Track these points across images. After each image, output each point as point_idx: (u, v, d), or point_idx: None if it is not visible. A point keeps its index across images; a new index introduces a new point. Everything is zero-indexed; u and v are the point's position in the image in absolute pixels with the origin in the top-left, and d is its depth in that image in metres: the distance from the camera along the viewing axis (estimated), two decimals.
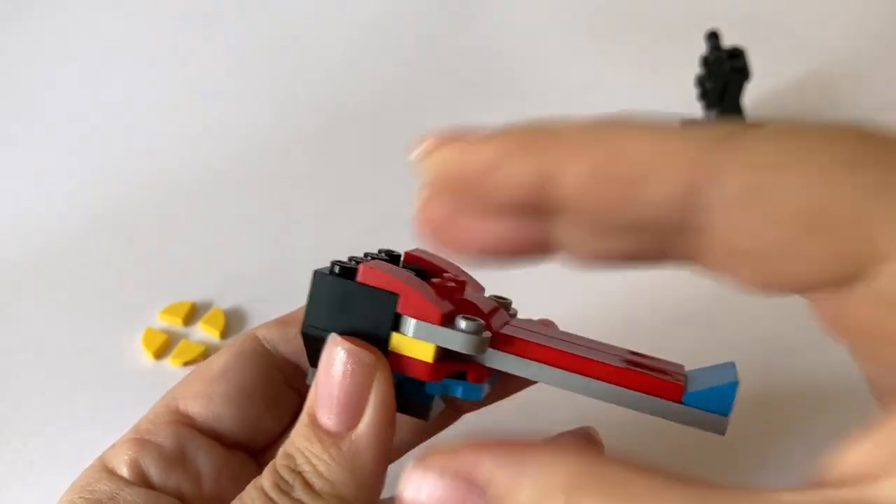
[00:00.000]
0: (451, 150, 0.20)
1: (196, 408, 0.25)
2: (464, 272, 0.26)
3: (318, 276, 0.22)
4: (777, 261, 0.15)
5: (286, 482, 0.21)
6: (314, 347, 0.22)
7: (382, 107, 0.50)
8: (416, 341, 0.22)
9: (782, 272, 0.15)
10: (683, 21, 0.55)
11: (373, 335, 0.22)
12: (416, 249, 0.26)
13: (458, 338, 0.22)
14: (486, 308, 0.24)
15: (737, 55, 0.44)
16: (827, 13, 0.56)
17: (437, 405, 0.24)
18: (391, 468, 0.23)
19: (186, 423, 0.25)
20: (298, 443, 0.22)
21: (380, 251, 0.25)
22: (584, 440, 0.25)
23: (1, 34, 0.56)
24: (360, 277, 0.22)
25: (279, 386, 0.26)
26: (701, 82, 0.45)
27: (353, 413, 0.21)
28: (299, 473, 0.21)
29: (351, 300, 0.22)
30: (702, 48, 0.45)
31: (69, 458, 0.34)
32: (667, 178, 0.15)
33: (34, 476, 0.34)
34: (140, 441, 0.24)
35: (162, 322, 0.39)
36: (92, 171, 0.47)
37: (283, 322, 0.27)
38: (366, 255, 0.25)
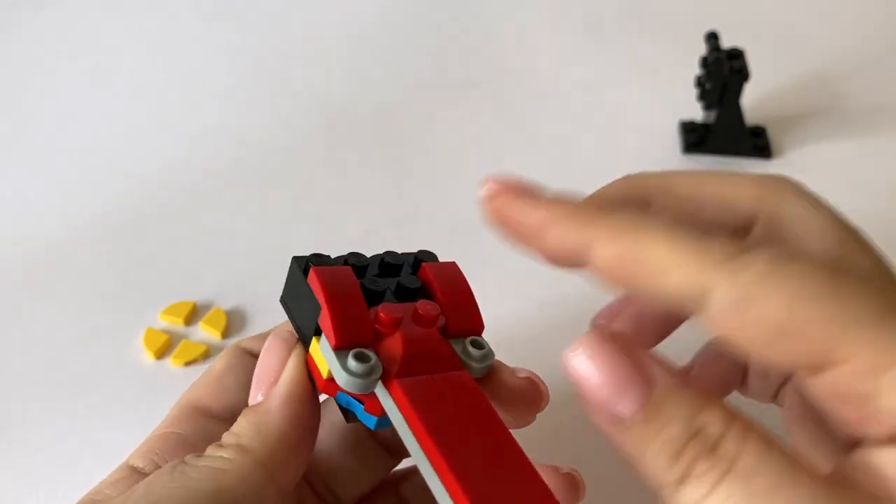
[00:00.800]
0: (509, 203, 0.23)
1: (212, 402, 0.26)
2: (466, 304, 0.25)
3: (292, 262, 0.25)
4: (758, 352, 0.19)
5: (202, 454, 0.23)
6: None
7: (382, 107, 0.50)
8: (320, 354, 0.23)
9: (765, 359, 0.20)
10: (683, 22, 0.55)
11: (304, 331, 0.24)
12: (448, 264, 0.25)
13: (341, 372, 0.22)
14: (416, 350, 0.23)
15: (736, 56, 0.44)
16: (826, 14, 0.56)
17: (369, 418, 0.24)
18: None
19: (205, 414, 0.26)
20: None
21: (405, 255, 0.26)
22: (565, 480, 0.26)
23: (1, 35, 0.56)
24: (308, 277, 0.24)
25: None
26: (700, 83, 0.45)
27: (266, 382, 0.24)
28: (215, 444, 0.23)
29: (301, 294, 0.24)
30: (701, 49, 0.45)
31: (70, 458, 0.34)
32: (679, 279, 0.19)
33: (35, 476, 0.34)
34: (162, 434, 0.25)
35: (163, 322, 0.39)
36: (93, 171, 0.47)
37: (263, 336, 0.28)
38: (369, 257, 0.25)
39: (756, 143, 0.46)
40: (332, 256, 0.25)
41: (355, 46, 0.55)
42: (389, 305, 0.23)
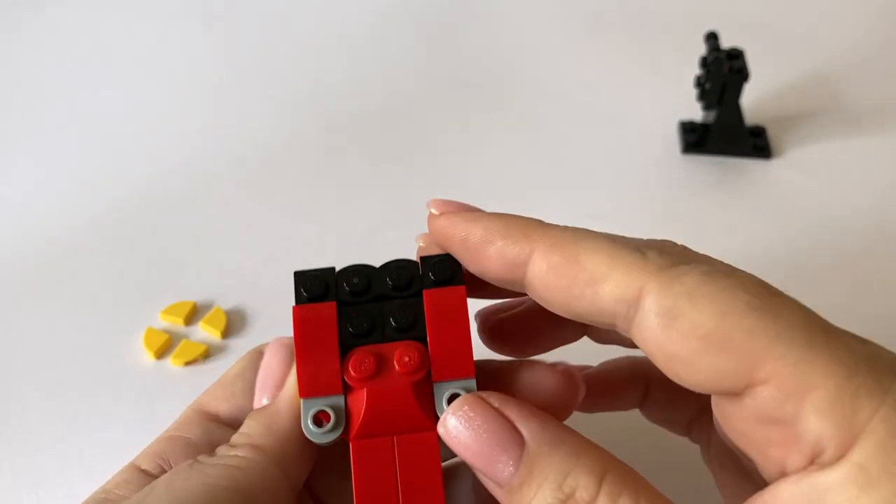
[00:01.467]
0: (452, 220, 0.23)
1: (221, 406, 0.26)
2: (458, 347, 0.23)
3: (295, 276, 0.24)
4: (684, 370, 0.19)
5: (214, 454, 0.23)
6: None
7: (383, 107, 0.50)
8: None
9: (687, 378, 0.19)
10: (683, 22, 0.55)
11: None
12: (454, 293, 0.24)
13: (305, 424, 0.23)
14: (379, 411, 0.23)
15: (735, 56, 0.44)
16: (826, 14, 0.56)
17: None
18: None
19: (213, 420, 0.26)
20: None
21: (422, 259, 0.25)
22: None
23: (1, 35, 0.56)
24: (293, 309, 0.24)
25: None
26: (700, 83, 0.45)
27: (276, 384, 0.25)
28: (227, 445, 0.24)
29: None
30: (701, 49, 0.45)
31: (70, 458, 0.34)
32: (614, 286, 0.20)
33: (34, 476, 0.34)
34: (170, 437, 0.25)
35: (163, 322, 0.39)
36: (92, 171, 0.47)
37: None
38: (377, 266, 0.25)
39: (756, 143, 0.47)
40: (338, 269, 0.24)
41: (355, 46, 0.55)
42: (362, 357, 0.23)
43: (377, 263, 0.25)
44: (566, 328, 0.27)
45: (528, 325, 0.27)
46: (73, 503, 0.31)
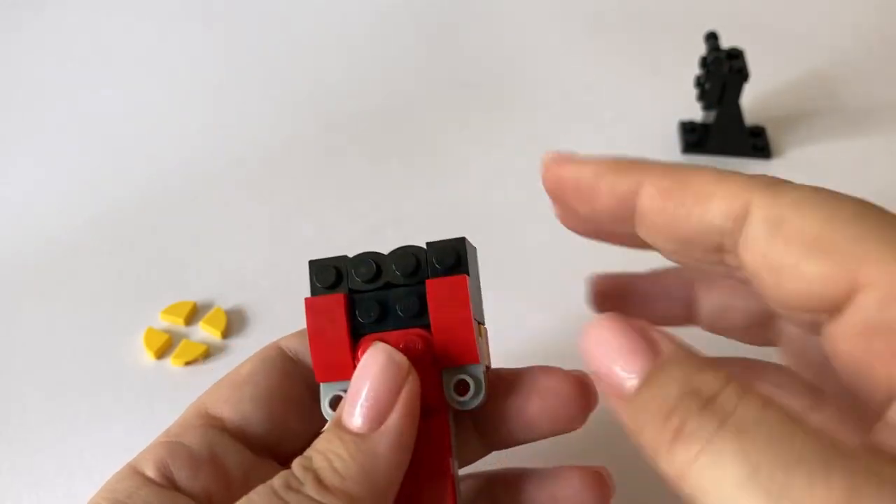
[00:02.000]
0: (563, 165, 0.25)
1: (225, 411, 0.25)
2: (460, 334, 0.24)
3: (310, 265, 0.25)
4: (788, 278, 0.19)
5: (298, 480, 0.21)
6: None
7: (383, 107, 0.50)
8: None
9: (791, 290, 0.19)
10: (683, 22, 0.55)
11: None
12: (456, 282, 0.24)
13: (324, 407, 0.24)
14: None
15: (735, 56, 0.44)
16: (826, 14, 0.56)
17: None
18: None
19: (216, 426, 0.25)
20: (319, 444, 0.22)
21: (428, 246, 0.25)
22: (593, 479, 0.25)
23: (1, 35, 0.56)
24: (305, 301, 0.24)
25: (304, 393, 0.26)
26: (700, 83, 0.45)
27: (380, 412, 0.22)
28: (313, 470, 0.21)
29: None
30: (701, 49, 0.45)
31: (70, 458, 0.34)
32: (723, 201, 0.20)
33: (34, 476, 0.34)
34: (169, 443, 0.24)
35: (163, 322, 0.39)
36: (92, 171, 0.47)
37: (305, 335, 0.27)
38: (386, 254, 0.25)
39: (755, 143, 0.47)
40: (350, 256, 0.25)
41: (355, 46, 0.55)
42: (369, 345, 0.23)
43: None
44: (672, 296, 0.27)
45: (638, 289, 0.27)
46: (74, 503, 0.32)
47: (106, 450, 0.34)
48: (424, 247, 0.25)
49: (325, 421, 0.25)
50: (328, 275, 0.25)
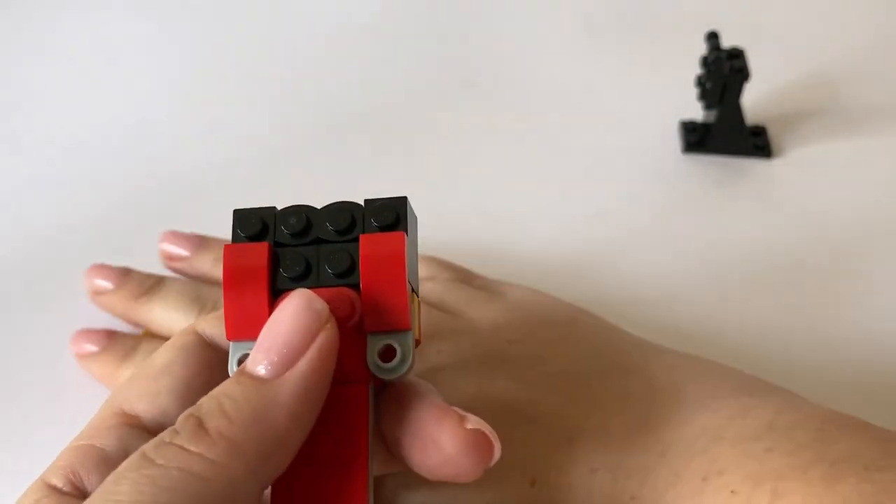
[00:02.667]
0: None
1: (141, 407, 0.23)
2: (392, 296, 0.22)
3: (234, 214, 0.24)
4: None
5: (173, 431, 0.19)
6: None
7: (382, 107, 0.50)
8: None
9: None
10: (683, 21, 0.55)
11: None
12: (392, 238, 0.22)
13: (231, 367, 0.22)
14: None
15: (736, 55, 0.44)
16: (827, 13, 0.56)
17: None
18: None
19: (132, 424, 0.23)
20: (215, 390, 0.20)
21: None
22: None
23: (3, 35, 0.56)
24: (224, 248, 0.23)
25: (221, 380, 0.23)
26: (700, 82, 0.45)
27: (287, 358, 0.20)
28: (196, 417, 0.19)
29: None
30: (701, 48, 0.45)
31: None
32: None
33: (34, 475, 0.34)
34: (80, 447, 0.22)
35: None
36: (91, 172, 0.47)
37: (223, 317, 0.24)
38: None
39: (756, 142, 0.46)
40: (280, 208, 0.23)
41: (355, 47, 0.55)
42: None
43: None
44: None
45: None
46: None
47: None
48: (362, 204, 0.23)
49: None
50: (253, 224, 0.23)
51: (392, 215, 0.23)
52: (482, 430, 0.22)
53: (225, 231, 0.43)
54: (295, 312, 0.20)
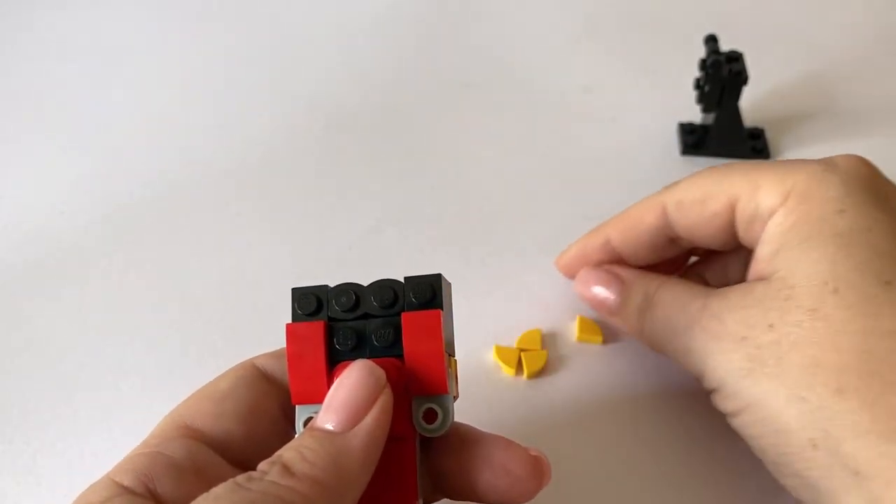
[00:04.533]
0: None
1: (207, 424, 0.25)
2: (431, 365, 0.25)
3: (292, 292, 0.27)
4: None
5: (262, 472, 0.21)
6: None
7: (382, 107, 0.50)
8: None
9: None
10: (682, 24, 0.55)
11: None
12: (430, 316, 0.26)
13: (298, 427, 0.25)
14: None
15: (735, 58, 0.44)
16: (825, 15, 0.56)
17: None
18: None
19: (197, 438, 0.25)
20: (290, 443, 0.23)
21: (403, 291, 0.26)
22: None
23: (3, 35, 0.56)
24: (286, 327, 0.26)
25: (278, 411, 0.27)
26: (699, 85, 0.45)
27: (355, 414, 0.23)
28: (280, 463, 0.22)
29: None
30: (700, 51, 0.45)
31: (70, 457, 0.34)
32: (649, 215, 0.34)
33: (35, 475, 0.34)
34: (150, 454, 0.24)
35: None
36: (92, 171, 0.47)
37: (281, 354, 0.27)
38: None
39: (754, 144, 0.47)
40: (331, 286, 0.27)
41: (355, 46, 0.55)
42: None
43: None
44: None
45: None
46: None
47: (106, 449, 0.35)
48: (402, 280, 0.26)
49: (292, 437, 0.25)
50: (309, 302, 0.26)
51: (429, 292, 0.26)
52: (542, 456, 0.26)
53: (224, 236, 0.44)
54: (360, 378, 0.23)
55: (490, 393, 0.36)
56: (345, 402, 0.23)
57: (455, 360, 0.28)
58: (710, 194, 0.31)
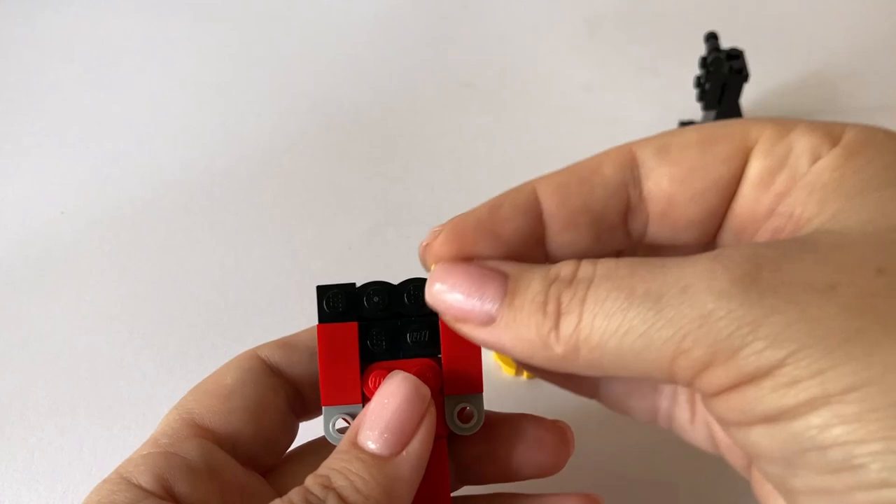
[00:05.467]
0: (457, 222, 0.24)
1: (216, 423, 0.25)
2: (468, 365, 0.26)
3: (317, 290, 0.25)
4: (681, 198, 0.22)
5: (318, 497, 0.21)
6: None
7: (382, 107, 0.50)
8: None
9: (685, 206, 0.22)
10: (683, 22, 0.55)
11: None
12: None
13: (326, 428, 0.25)
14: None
15: (735, 56, 0.44)
16: (826, 14, 0.56)
17: None
18: None
19: (208, 438, 0.24)
20: (335, 464, 0.22)
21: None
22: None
23: (4, 35, 0.56)
24: (318, 328, 0.25)
25: (285, 407, 0.26)
26: (700, 83, 0.45)
27: (401, 439, 0.23)
28: (333, 489, 0.22)
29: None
30: (701, 49, 0.45)
31: (70, 457, 0.34)
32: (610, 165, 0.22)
33: (34, 473, 0.34)
34: (165, 454, 0.23)
35: None
36: (92, 171, 0.47)
37: (285, 344, 0.27)
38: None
39: None
40: (358, 284, 0.26)
41: (355, 47, 0.55)
42: (380, 373, 0.25)
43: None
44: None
45: None
46: (72, 502, 0.31)
47: (106, 448, 0.35)
48: None
49: (297, 431, 0.26)
50: (338, 302, 0.25)
51: None
52: (568, 427, 0.26)
53: (223, 236, 0.44)
54: (407, 397, 0.23)
55: (490, 393, 0.35)
56: (391, 424, 0.23)
57: None
58: (713, 136, 0.22)
